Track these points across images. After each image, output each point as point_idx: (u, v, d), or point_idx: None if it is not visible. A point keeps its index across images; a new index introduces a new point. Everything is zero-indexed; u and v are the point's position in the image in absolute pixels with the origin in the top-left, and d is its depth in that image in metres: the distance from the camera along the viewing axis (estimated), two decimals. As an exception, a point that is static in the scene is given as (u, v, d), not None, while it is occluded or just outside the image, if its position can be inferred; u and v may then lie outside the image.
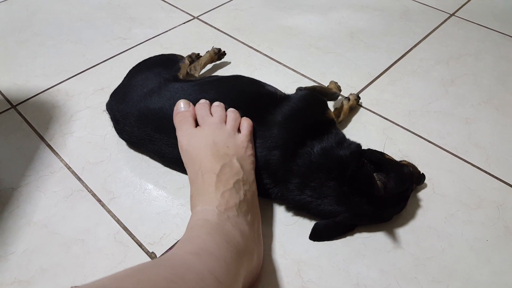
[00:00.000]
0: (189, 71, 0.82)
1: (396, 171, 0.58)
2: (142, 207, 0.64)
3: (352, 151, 0.61)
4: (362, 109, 0.81)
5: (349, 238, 0.60)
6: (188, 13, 1.09)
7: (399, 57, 0.95)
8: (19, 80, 0.87)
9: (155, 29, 1.02)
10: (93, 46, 0.97)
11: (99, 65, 0.91)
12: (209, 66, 0.90)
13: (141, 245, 0.59)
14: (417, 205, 0.65)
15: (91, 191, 0.66)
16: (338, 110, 0.76)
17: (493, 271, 0.57)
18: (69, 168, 0.69)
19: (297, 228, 0.62)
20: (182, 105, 0.63)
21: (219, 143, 0.58)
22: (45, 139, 0.74)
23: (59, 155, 0.71)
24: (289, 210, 0.63)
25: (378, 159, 0.61)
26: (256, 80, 0.72)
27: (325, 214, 0.59)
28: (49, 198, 0.65)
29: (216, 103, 0.64)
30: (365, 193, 0.57)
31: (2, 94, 0.83)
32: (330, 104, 0.78)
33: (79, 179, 0.68)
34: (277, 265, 0.57)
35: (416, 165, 0.65)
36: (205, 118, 0.61)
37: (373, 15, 1.09)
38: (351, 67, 0.92)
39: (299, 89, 0.71)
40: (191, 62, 0.84)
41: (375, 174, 0.56)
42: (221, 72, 0.90)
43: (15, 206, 0.64)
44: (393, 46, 0.98)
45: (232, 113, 0.63)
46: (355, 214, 0.58)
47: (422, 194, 0.66)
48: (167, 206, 0.64)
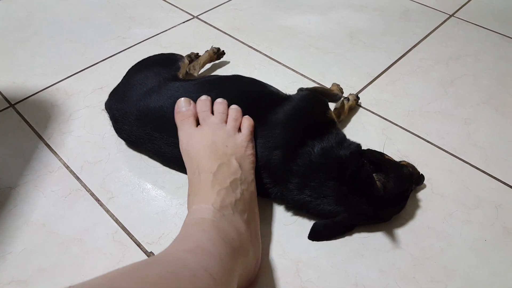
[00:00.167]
0: (188, 70, 0.82)
1: (395, 172, 0.58)
2: (141, 206, 0.64)
3: (352, 151, 0.61)
4: (361, 109, 0.81)
5: (348, 238, 0.60)
6: (187, 12, 1.09)
7: (399, 57, 0.95)
8: (17, 79, 0.87)
9: (154, 28, 1.02)
10: (92, 45, 0.96)
11: (98, 64, 0.91)
12: (208, 65, 0.90)
13: (139, 245, 0.59)
14: (416, 205, 0.65)
15: (89, 191, 0.66)
16: (338, 110, 0.76)
17: (492, 271, 0.57)
18: (67, 167, 0.69)
19: (296, 228, 0.62)
20: (183, 104, 0.62)
21: (218, 142, 0.58)
22: (43, 138, 0.74)
23: (57, 154, 0.71)
24: (289, 209, 0.63)
25: (377, 159, 0.61)
26: (256, 80, 0.72)
27: (324, 214, 0.59)
28: (47, 198, 0.65)
29: (219, 100, 0.63)
30: (364, 193, 0.57)
31: (1, 93, 0.83)
32: (330, 104, 0.78)
33: (78, 178, 0.68)
34: (275, 264, 0.57)
35: (415, 165, 0.65)
36: (206, 118, 0.61)
37: (372, 15, 1.09)
38: (350, 67, 0.92)
39: (301, 90, 0.71)
40: (190, 62, 0.84)
41: (374, 175, 0.56)
42: (220, 72, 0.90)
43: (13, 205, 0.64)
44: (392, 46, 0.98)
45: (234, 111, 0.63)
46: (354, 214, 0.58)
47: (421, 194, 0.66)
48: (166, 205, 0.64)
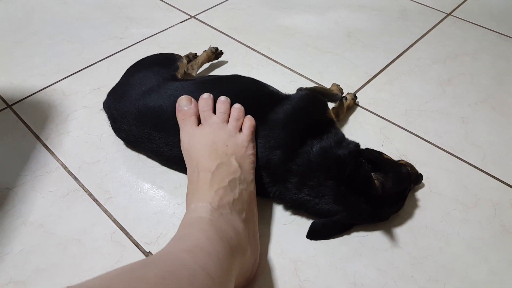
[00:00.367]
0: (186, 70, 0.82)
1: (394, 171, 0.58)
2: (139, 206, 0.64)
3: (351, 151, 0.61)
4: (359, 108, 0.81)
5: (346, 237, 0.60)
6: (185, 12, 1.09)
7: (396, 56, 0.95)
8: (15, 79, 0.86)
9: (152, 28, 1.02)
10: (89, 45, 0.96)
11: (95, 64, 0.91)
12: (206, 65, 0.90)
13: (137, 245, 0.59)
14: (414, 204, 0.65)
15: (87, 191, 0.66)
16: (336, 109, 0.76)
17: (490, 269, 0.57)
18: (65, 167, 0.69)
19: (294, 227, 0.62)
20: (184, 102, 0.62)
21: (218, 142, 0.58)
22: (41, 139, 0.74)
23: (55, 154, 0.71)
24: (287, 209, 0.63)
25: (376, 158, 0.61)
26: (255, 79, 0.72)
27: (322, 213, 0.59)
28: (45, 198, 0.65)
29: (222, 99, 0.63)
30: (363, 192, 0.57)
31: (-2, 94, 0.83)
32: (328, 103, 0.78)
33: (76, 178, 0.67)
34: (274, 264, 0.57)
35: (413, 164, 0.65)
36: (207, 118, 0.61)
37: (370, 14, 1.09)
38: (348, 66, 0.92)
39: (300, 89, 0.71)
40: (188, 62, 0.84)
41: (373, 174, 0.56)
42: (218, 72, 0.90)
43: (11, 206, 0.63)
44: (390, 46, 0.98)
45: (236, 111, 0.62)
46: (352, 213, 0.58)
47: (419, 193, 0.66)
48: (164, 205, 0.64)
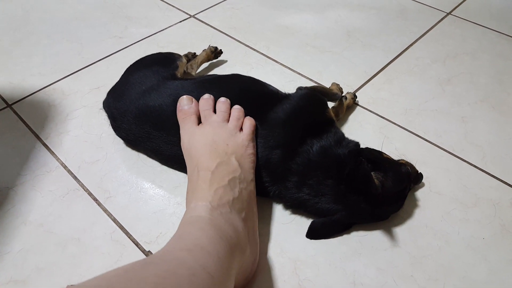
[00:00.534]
0: (186, 69, 0.82)
1: (394, 170, 0.58)
2: (139, 206, 0.64)
3: (350, 150, 0.61)
4: (358, 107, 0.81)
5: (346, 237, 0.60)
6: (184, 11, 1.08)
7: (396, 55, 0.95)
8: (14, 79, 0.86)
9: (151, 27, 1.02)
10: (89, 45, 0.96)
11: (95, 64, 0.91)
12: (206, 64, 0.90)
13: (137, 244, 0.59)
14: (414, 203, 0.65)
15: (87, 190, 0.66)
16: (336, 109, 0.76)
17: (489, 269, 0.57)
18: (65, 167, 0.69)
19: (294, 226, 0.62)
20: (185, 102, 0.62)
21: (218, 141, 0.58)
22: (41, 138, 0.73)
23: (55, 154, 0.71)
24: (287, 208, 0.63)
25: (376, 158, 0.61)
26: (255, 79, 0.72)
27: (322, 212, 0.59)
28: (45, 197, 0.65)
29: (222, 99, 0.63)
30: (362, 191, 0.57)
31: (-2, 93, 0.83)
32: (328, 103, 0.78)
33: (75, 178, 0.67)
34: (273, 263, 0.57)
35: (413, 163, 0.65)
36: (208, 117, 0.61)
37: (369, 14, 1.09)
38: (347, 66, 0.92)
39: (300, 89, 0.71)
40: (188, 61, 0.84)
41: (373, 173, 0.56)
42: (217, 71, 0.89)
43: (11, 205, 0.63)
44: (389, 45, 0.98)
45: (236, 111, 0.62)
46: (352, 213, 0.58)
47: (419, 193, 0.66)
48: (164, 205, 0.64)
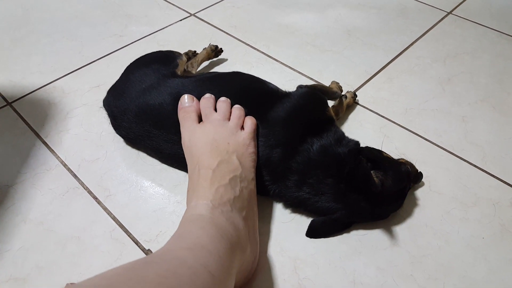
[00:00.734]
0: (186, 68, 0.82)
1: (394, 169, 0.58)
2: (138, 204, 0.64)
3: (350, 149, 0.61)
4: (358, 107, 0.81)
5: (345, 236, 0.60)
6: (184, 10, 1.08)
7: (396, 55, 0.95)
8: (14, 77, 0.86)
9: (151, 26, 1.02)
10: (89, 43, 0.96)
11: (95, 62, 0.91)
12: (206, 63, 0.90)
13: (137, 243, 0.59)
14: (413, 203, 0.65)
15: (87, 189, 0.66)
16: (336, 107, 0.76)
17: (489, 268, 0.57)
18: (65, 165, 0.69)
19: (294, 225, 0.62)
20: (186, 100, 0.62)
21: (219, 139, 0.58)
22: (41, 136, 0.73)
23: (55, 152, 0.71)
24: (287, 207, 0.63)
25: (376, 157, 0.60)
26: (256, 77, 0.72)
27: (322, 211, 0.59)
28: (44, 196, 0.65)
29: (223, 99, 0.63)
30: (362, 190, 0.57)
31: (-2, 91, 0.83)
32: (328, 101, 0.78)
33: (75, 176, 0.67)
34: (273, 262, 0.57)
35: (413, 163, 0.65)
36: (208, 115, 0.61)
37: (370, 13, 1.09)
38: (348, 65, 0.92)
39: (300, 87, 0.71)
40: (188, 59, 0.84)
41: (373, 172, 0.56)
42: (217, 69, 0.89)
43: (11, 203, 0.63)
44: (390, 44, 0.98)
45: (237, 110, 0.62)
46: (352, 212, 0.58)
47: (418, 192, 0.66)
48: (164, 203, 0.64)
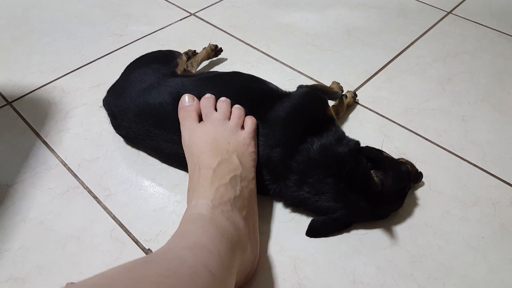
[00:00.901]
0: (186, 67, 0.82)
1: (394, 169, 0.58)
2: (139, 204, 0.64)
3: (351, 149, 0.61)
4: (358, 106, 0.81)
5: (345, 235, 0.60)
6: (184, 9, 1.08)
7: (396, 54, 0.95)
8: (14, 76, 0.86)
9: (151, 25, 1.02)
10: (89, 43, 0.96)
11: (95, 61, 0.91)
12: (206, 62, 0.90)
13: (137, 242, 0.59)
14: (413, 202, 0.65)
15: (87, 188, 0.66)
16: (336, 107, 0.76)
17: (489, 268, 0.57)
18: (65, 165, 0.69)
19: (294, 225, 0.62)
20: (186, 100, 0.63)
21: (219, 139, 0.58)
22: (41, 136, 0.73)
23: (55, 151, 0.71)
24: (287, 206, 0.63)
25: (376, 156, 0.60)
26: (256, 76, 0.72)
27: (322, 210, 0.59)
28: (44, 195, 0.65)
29: (223, 99, 0.63)
30: (362, 190, 0.57)
31: (-3, 91, 0.83)
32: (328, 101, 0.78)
33: (75, 176, 0.67)
34: (273, 261, 0.57)
35: (413, 162, 0.65)
36: (209, 114, 0.61)
37: (370, 12, 1.09)
38: (348, 64, 0.92)
39: (300, 87, 0.71)
40: (188, 59, 0.84)
41: (373, 172, 0.56)
42: (217, 69, 0.89)
43: (11, 203, 0.63)
44: (390, 44, 0.98)
45: (237, 110, 0.63)
46: (352, 211, 0.58)
47: (418, 192, 0.66)
48: (164, 203, 0.64)
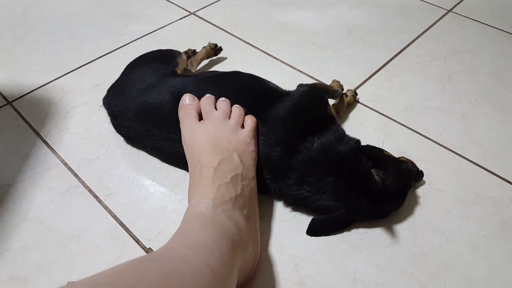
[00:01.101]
0: (186, 66, 0.82)
1: (394, 168, 0.58)
2: (139, 203, 0.64)
3: (351, 147, 0.61)
4: (359, 105, 0.81)
5: (346, 234, 0.60)
6: (184, 8, 1.08)
7: (396, 53, 0.95)
8: (14, 76, 0.86)
9: (151, 25, 1.02)
10: (89, 42, 0.96)
11: (95, 61, 0.91)
12: (206, 61, 0.90)
13: (138, 241, 0.59)
14: (414, 201, 0.65)
15: (87, 187, 0.66)
16: (336, 106, 0.76)
17: (489, 266, 0.57)
18: (65, 164, 0.69)
19: (294, 223, 0.62)
20: (187, 99, 0.63)
21: (220, 137, 0.58)
22: (41, 135, 0.73)
23: (55, 151, 0.71)
24: (287, 205, 0.63)
25: (376, 155, 0.60)
26: (256, 76, 0.72)
27: (322, 209, 0.59)
28: (45, 195, 0.65)
29: (222, 99, 0.64)
30: (363, 189, 0.57)
31: (-2, 90, 0.83)
32: (329, 100, 0.78)
33: (76, 175, 0.67)
34: (274, 260, 0.57)
35: (414, 161, 0.65)
36: (209, 113, 0.61)
37: (370, 11, 1.09)
38: (348, 63, 0.92)
39: (300, 86, 0.71)
40: (188, 58, 0.84)
41: (373, 170, 0.56)
42: (217, 68, 0.89)
43: (11, 202, 0.63)
44: (390, 42, 0.98)
45: (237, 109, 0.63)
46: (352, 210, 0.58)
47: (419, 190, 0.66)
48: (164, 202, 0.64)
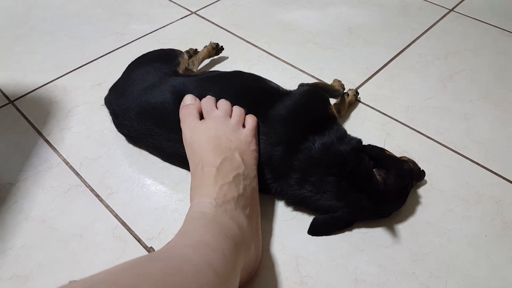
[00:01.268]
0: (187, 66, 0.82)
1: (396, 167, 0.58)
2: (141, 202, 0.64)
3: (352, 147, 0.61)
4: (360, 104, 0.81)
5: (347, 233, 0.60)
6: (185, 8, 1.08)
7: (398, 52, 0.94)
8: (16, 75, 0.86)
9: (152, 24, 1.02)
10: (90, 41, 0.96)
11: (96, 60, 0.91)
12: (207, 61, 0.90)
13: (139, 240, 0.59)
14: (415, 200, 0.65)
15: (89, 186, 0.66)
16: (337, 105, 0.76)
17: (491, 266, 0.57)
18: (67, 163, 0.69)
19: (295, 223, 0.62)
20: (188, 99, 0.63)
21: (222, 136, 0.58)
22: (43, 135, 0.74)
23: (57, 150, 0.71)
24: (288, 205, 0.63)
25: (378, 155, 0.60)
26: (257, 75, 0.72)
27: (324, 209, 0.59)
28: (47, 194, 0.65)
29: (222, 99, 0.64)
30: (364, 188, 0.57)
31: (0, 90, 0.83)
32: (330, 99, 0.78)
33: (77, 174, 0.67)
34: (275, 260, 0.57)
35: (415, 160, 0.65)
36: (210, 112, 0.61)
37: (371, 10, 1.09)
38: (349, 62, 0.91)
39: (301, 85, 0.71)
40: (189, 57, 0.84)
41: (375, 170, 0.56)
42: (219, 67, 0.89)
43: (13, 201, 0.63)
44: (391, 42, 0.97)
45: (237, 108, 0.63)
46: (354, 210, 0.58)
47: (420, 190, 0.66)
48: (166, 201, 0.64)
